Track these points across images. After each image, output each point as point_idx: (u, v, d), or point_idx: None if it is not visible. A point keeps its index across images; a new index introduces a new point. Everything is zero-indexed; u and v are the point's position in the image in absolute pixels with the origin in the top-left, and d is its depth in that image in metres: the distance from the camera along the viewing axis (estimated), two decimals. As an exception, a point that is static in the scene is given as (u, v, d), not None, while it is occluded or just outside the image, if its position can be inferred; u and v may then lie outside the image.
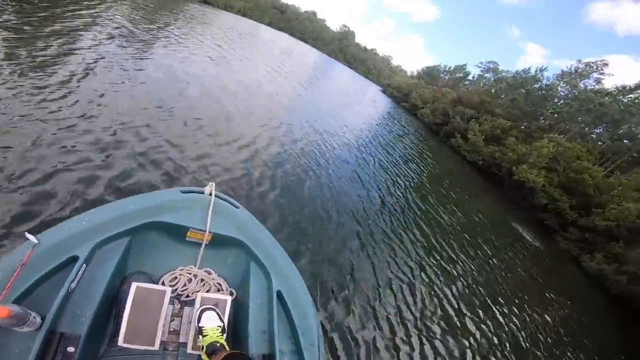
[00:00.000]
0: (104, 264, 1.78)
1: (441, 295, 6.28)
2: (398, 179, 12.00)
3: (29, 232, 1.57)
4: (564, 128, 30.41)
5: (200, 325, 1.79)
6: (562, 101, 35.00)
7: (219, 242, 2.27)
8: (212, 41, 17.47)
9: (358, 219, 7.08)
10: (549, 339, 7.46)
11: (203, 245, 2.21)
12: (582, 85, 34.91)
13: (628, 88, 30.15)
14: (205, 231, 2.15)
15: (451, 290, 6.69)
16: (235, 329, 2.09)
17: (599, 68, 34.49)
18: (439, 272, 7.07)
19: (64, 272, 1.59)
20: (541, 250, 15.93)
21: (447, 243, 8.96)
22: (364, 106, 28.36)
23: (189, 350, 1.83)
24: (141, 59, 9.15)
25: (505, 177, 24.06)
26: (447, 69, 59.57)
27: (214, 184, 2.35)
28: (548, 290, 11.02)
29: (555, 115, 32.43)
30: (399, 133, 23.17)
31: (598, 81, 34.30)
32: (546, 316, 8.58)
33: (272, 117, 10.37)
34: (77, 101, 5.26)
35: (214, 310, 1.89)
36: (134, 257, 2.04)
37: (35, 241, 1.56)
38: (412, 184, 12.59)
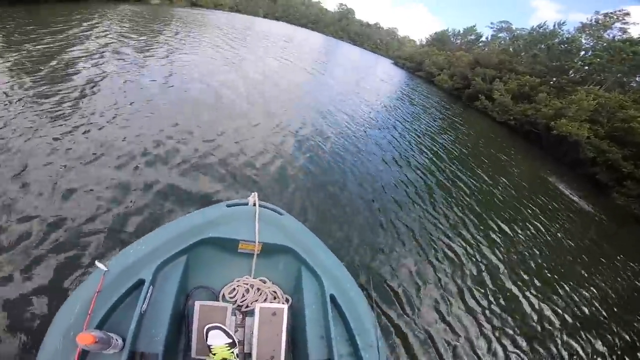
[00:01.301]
0: (168, 284, 1.79)
1: (501, 273, 5.53)
2: (432, 151, 10.96)
3: (98, 261, 1.68)
4: (599, 79, 27.10)
5: (208, 344, 1.68)
6: (589, 53, 31.21)
7: (269, 250, 2.22)
8: (213, 42, 16.37)
9: (400, 203, 6.36)
10: (620, 309, 6.12)
11: (255, 256, 2.18)
12: (608, 36, 31.01)
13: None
14: (255, 242, 2.13)
15: (509, 265, 5.86)
16: (294, 336, 2.00)
17: (620, 18, 30.94)
18: (493, 248, 6.21)
19: (134, 295, 1.62)
20: (596, 210, 13.46)
21: (494, 213, 7.95)
22: (378, 81, 26.48)
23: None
24: (145, 68, 8.68)
25: (543, 134, 21.69)
26: (456, 32, 54.77)
27: (256, 194, 2.33)
28: (611, 256, 8.96)
29: (586, 67, 29.03)
30: (422, 103, 21.39)
31: (624, 31, 30.66)
32: (615, 285, 7.10)
33: (288, 111, 9.29)
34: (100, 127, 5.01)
35: (220, 328, 1.72)
36: (193, 273, 2.04)
37: (105, 269, 1.64)
38: (446, 154, 11.43)
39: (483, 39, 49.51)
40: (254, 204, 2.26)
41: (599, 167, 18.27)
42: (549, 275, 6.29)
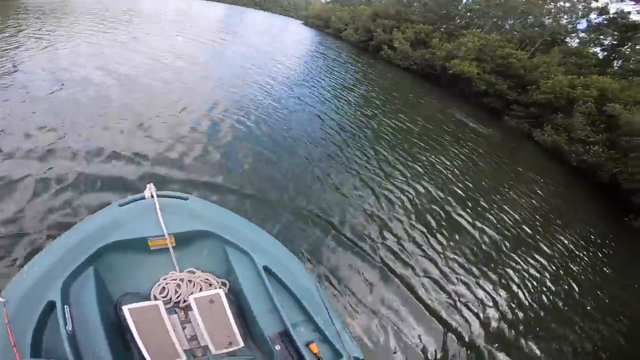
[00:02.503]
0: (85, 298, 1.57)
1: (419, 201, 5.56)
2: (351, 102, 10.71)
3: None
4: (480, 24, 28.02)
5: None
6: (470, 0, 32.14)
7: (185, 240, 2.02)
8: (93, 28, 11.23)
9: (331, 156, 6.03)
10: (531, 217, 7.01)
11: (171, 249, 1.95)
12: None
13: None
14: (164, 235, 1.90)
15: (427, 194, 5.93)
16: (243, 316, 1.87)
17: None
18: (420, 179, 6.35)
19: (52, 319, 1.43)
20: (495, 133, 14.59)
21: (415, 147, 8.22)
22: (291, 42, 24.99)
23: (215, 352, 1.65)
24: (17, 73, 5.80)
25: (441, 74, 21.95)
26: (357, -13, 52.17)
27: (152, 185, 2.03)
28: (515, 169, 10.37)
29: (468, 13, 29.89)
30: (334, 58, 20.69)
31: (498, -22, 31.72)
32: (523, 197, 7.99)
33: (192, 87, 7.61)
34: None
35: None
36: (111, 283, 1.79)
37: (2, 299, 1.39)
38: (364, 102, 11.37)
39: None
40: (152, 196, 1.97)
41: (491, 98, 19.42)
42: (471, 194, 6.73)
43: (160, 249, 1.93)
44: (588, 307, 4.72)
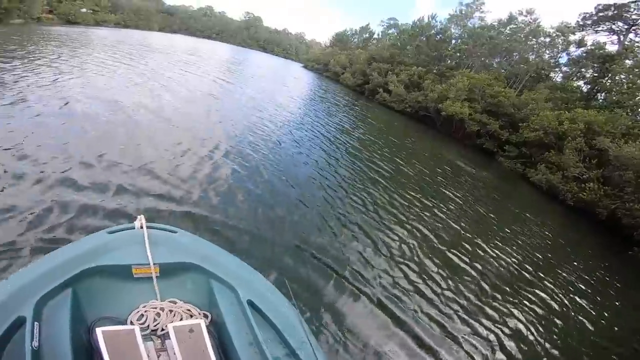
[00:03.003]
0: (58, 318, 1.52)
1: (415, 243, 5.55)
2: (347, 144, 11.06)
3: None
4: (468, 63, 29.64)
5: None
6: (458, 41, 34.21)
7: (169, 271, 2.00)
8: (103, 63, 12.41)
9: (327, 197, 6.14)
10: (532, 257, 6.97)
11: (154, 279, 1.92)
12: (470, 25, 34.34)
13: (504, 21, 29.89)
14: (149, 265, 1.89)
15: (423, 237, 5.89)
16: (223, 349, 1.80)
17: (479, 8, 34.37)
18: (406, 224, 6.22)
19: (19, 335, 1.38)
20: (491, 175, 14.94)
21: (409, 190, 8.22)
22: (291, 86, 25.71)
23: None
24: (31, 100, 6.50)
25: (435, 116, 22.80)
26: (353, 31, 55.88)
27: (142, 216, 2.07)
28: (512, 210, 10.67)
29: (457, 54, 31.70)
30: (332, 101, 21.46)
31: (482, 19, 34.36)
32: (522, 237, 8.04)
33: (196, 128, 7.89)
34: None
35: None
36: (89, 306, 1.75)
37: None
38: (360, 145, 11.64)
39: (375, 35, 51.33)
40: (141, 227, 2.01)
41: (483, 138, 19.98)
42: (468, 235, 6.79)
43: (144, 278, 1.91)
44: (602, 339, 4.69)
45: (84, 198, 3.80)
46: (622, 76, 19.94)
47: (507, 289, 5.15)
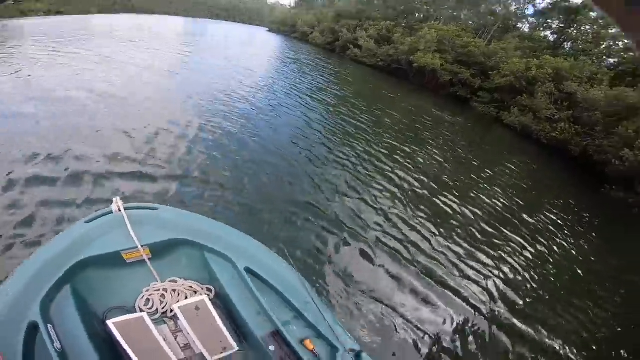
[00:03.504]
0: (68, 316, 1.48)
1: (400, 190, 5.43)
2: (326, 102, 10.37)
3: None
4: (436, 16, 28.13)
5: None
6: (425, -6, 32.32)
7: (160, 250, 1.90)
8: (35, 56, 9.08)
9: (314, 157, 5.79)
10: (511, 194, 7.00)
11: (147, 261, 1.84)
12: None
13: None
14: (137, 247, 1.77)
15: (406, 183, 5.75)
16: (233, 319, 1.78)
17: None
18: (390, 173, 6.01)
19: (39, 340, 1.34)
20: (466, 121, 14.61)
21: (392, 141, 7.96)
22: (259, 49, 24.26)
23: (210, 358, 1.56)
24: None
25: (408, 68, 21.63)
26: (318, -11, 51.42)
27: (118, 198, 1.89)
28: (487, 150, 10.54)
29: (426, 7, 29.82)
30: (305, 62, 19.93)
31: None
32: (501, 176, 8.04)
33: (160, 107, 6.71)
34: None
35: None
36: (93, 298, 1.69)
37: None
38: (339, 101, 11.02)
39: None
40: (119, 210, 1.86)
41: (456, 87, 19.40)
42: (447, 178, 6.72)
43: (137, 262, 1.83)
44: (580, 272, 4.77)
45: (53, 193, 3.37)
46: (587, 27, 19.90)
47: (493, 231, 5.12)
